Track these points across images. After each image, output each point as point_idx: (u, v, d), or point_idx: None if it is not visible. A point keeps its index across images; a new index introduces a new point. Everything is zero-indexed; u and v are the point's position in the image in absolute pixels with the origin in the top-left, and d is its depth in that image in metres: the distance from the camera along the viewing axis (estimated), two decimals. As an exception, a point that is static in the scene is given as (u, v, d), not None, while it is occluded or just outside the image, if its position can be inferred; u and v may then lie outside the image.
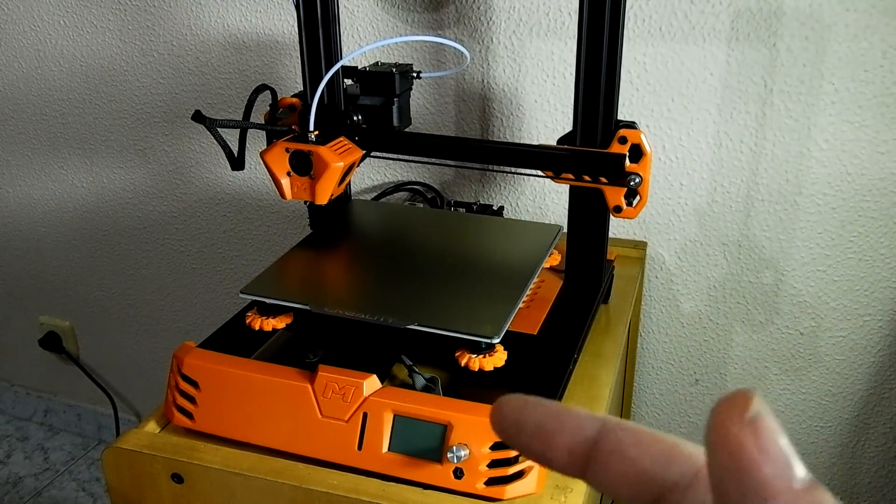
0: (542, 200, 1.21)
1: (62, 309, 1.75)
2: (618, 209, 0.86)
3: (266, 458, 0.74)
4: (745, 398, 0.19)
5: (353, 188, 1.32)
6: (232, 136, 0.91)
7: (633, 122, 0.84)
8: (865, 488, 1.24)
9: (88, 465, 1.78)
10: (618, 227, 1.17)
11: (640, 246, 1.15)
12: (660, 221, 1.15)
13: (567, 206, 0.91)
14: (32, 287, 1.75)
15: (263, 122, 0.95)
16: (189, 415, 0.78)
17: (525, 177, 1.20)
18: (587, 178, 0.85)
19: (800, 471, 0.18)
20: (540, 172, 0.88)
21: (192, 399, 0.78)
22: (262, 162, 0.90)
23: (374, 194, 1.29)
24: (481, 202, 1.20)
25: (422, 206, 1.22)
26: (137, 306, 1.66)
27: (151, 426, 0.80)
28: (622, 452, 0.21)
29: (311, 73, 0.94)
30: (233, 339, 0.84)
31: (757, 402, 0.19)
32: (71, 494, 1.70)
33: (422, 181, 1.26)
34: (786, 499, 0.18)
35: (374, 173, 1.30)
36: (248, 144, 0.95)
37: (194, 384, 0.78)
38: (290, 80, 1.29)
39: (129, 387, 1.78)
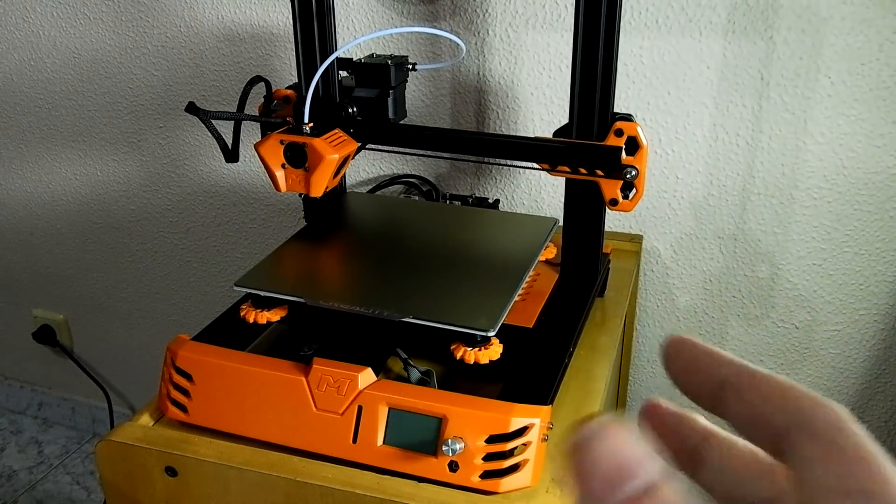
0: (538, 193, 1.20)
1: (56, 302, 1.74)
2: (614, 202, 0.86)
3: (260, 452, 0.73)
4: (580, 426, 0.20)
5: (349, 181, 1.32)
6: (226, 129, 0.91)
7: (630, 115, 0.84)
8: (860, 482, 1.24)
9: (83, 459, 1.77)
10: (613, 221, 1.17)
11: (636, 239, 1.15)
12: (656, 215, 1.15)
13: (563, 198, 0.90)
14: (26, 280, 1.74)
15: (258, 114, 0.95)
16: (183, 408, 0.78)
17: (521, 170, 1.19)
18: (583, 170, 0.85)
19: (641, 475, 0.19)
20: (536, 165, 0.87)
21: (186, 392, 0.78)
22: (256, 154, 0.89)
23: (370, 187, 1.28)
24: (477, 195, 1.20)
25: (417, 198, 1.22)
26: (132, 299, 1.65)
27: (145, 419, 0.79)
28: (740, 394, 0.23)
29: (306, 65, 0.93)
30: (227, 331, 0.84)
31: (590, 426, 0.20)
32: (65, 488, 1.69)
33: (417, 174, 1.26)
34: None
35: (369, 166, 1.30)
36: (242, 137, 0.95)
37: (188, 377, 0.78)
38: (286, 72, 1.28)
39: (123, 380, 1.78)
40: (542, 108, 1.15)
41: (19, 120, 1.55)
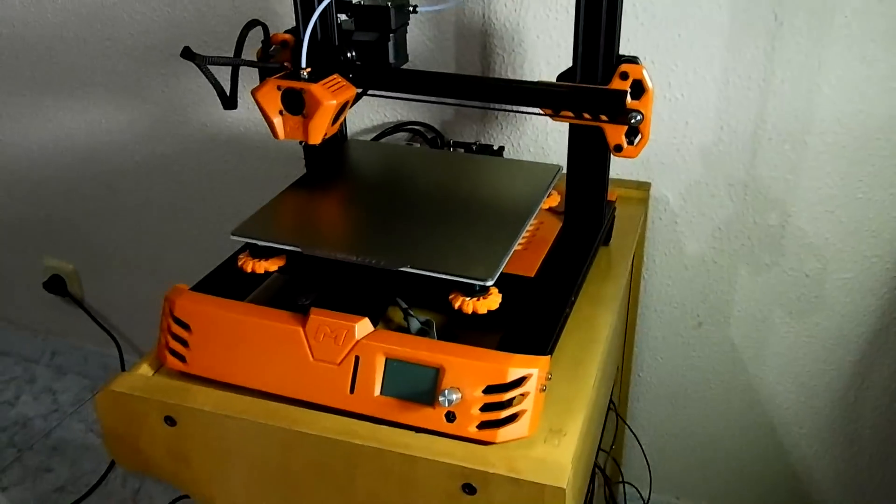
0: (545, 140, 1.18)
1: (65, 251, 1.74)
2: (618, 148, 0.83)
3: (258, 401, 0.73)
4: None
5: (352, 129, 1.30)
6: (226, 75, 0.89)
7: (635, 57, 0.81)
8: (868, 431, 1.23)
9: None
10: (622, 168, 1.14)
11: (644, 187, 1.13)
12: (664, 161, 1.13)
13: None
14: (35, 228, 1.74)
15: (255, 59, 0.93)
16: (181, 357, 0.77)
17: (526, 116, 1.17)
18: (587, 115, 0.83)
19: None
20: (539, 110, 0.85)
21: (184, 342, 0.77)
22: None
23: (374, 135, 1.26)
24: (481, 142, 1.18)
25: (419, 146, 1.19)
26: (139, 248, 1.65)
27: (144, 369, 0.79)
28: None
29: (304, 7, 0.91)
30: (225, 281, 0.83)
31: None
32: (78, 435, 1.72)
33: (422, 121, 1.23)
34: None
35: (373, 113, 1.27)
36: (244, 83, 0.93)
37: (186, 327, 0.77)
38: (288, 18, 1.25)
39: (133, 329, 1.79)
40: (549, 52, 1.12)
41: (21, 69, 1.53)
